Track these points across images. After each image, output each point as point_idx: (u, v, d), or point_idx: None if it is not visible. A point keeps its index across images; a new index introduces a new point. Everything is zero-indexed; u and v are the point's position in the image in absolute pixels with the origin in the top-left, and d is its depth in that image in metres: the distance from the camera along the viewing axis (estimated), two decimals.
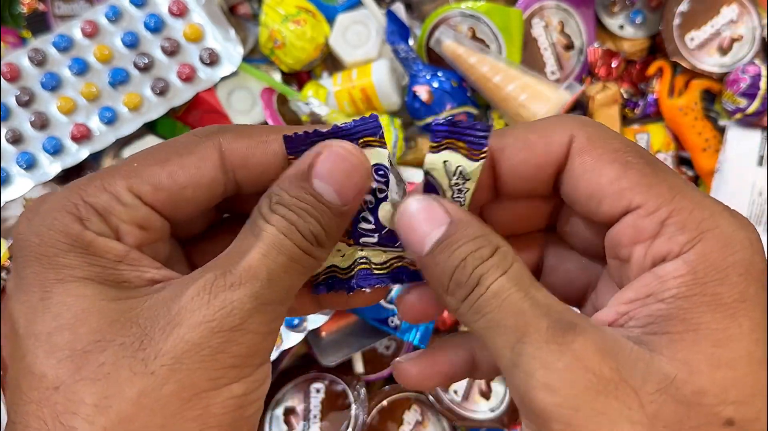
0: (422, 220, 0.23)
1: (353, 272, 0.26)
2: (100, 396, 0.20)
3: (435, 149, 0.24)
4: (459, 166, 0.24)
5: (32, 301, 0.21)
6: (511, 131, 0.25)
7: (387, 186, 0.24)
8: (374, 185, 0.24)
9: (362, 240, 0.26)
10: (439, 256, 0.23)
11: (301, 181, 0.23)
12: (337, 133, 0.24)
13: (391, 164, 0.25)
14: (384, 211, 0.25)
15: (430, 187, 0.25)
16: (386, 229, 0.25)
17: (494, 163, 0.25)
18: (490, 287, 0.21)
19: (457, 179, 0.24)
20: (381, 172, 0.24)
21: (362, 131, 0.24)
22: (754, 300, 0.20)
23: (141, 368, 0.20)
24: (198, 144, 0.24)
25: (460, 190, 0.25)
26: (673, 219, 0.21)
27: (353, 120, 0.24)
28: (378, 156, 0.24)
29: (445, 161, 0.24)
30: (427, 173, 0.25)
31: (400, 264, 0.26)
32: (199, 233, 0.27)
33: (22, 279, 0.22)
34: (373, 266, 0.26)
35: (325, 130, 0.24)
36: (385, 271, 0.26)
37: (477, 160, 0.24)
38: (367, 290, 0.26)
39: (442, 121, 0.24)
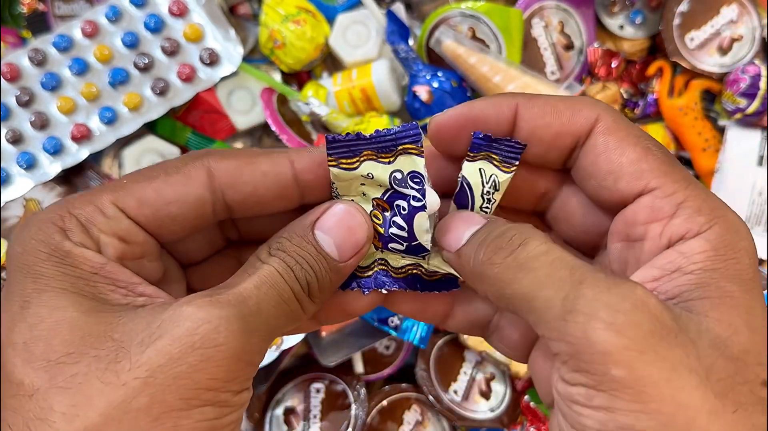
0: (460, 223, 0.25)
1: (372, 271, 0.27)
2: (68, 405, 0.20)
3: (471, 159, 0.25)
4: (493, 175, 0.25)
5: (13, 310, 0.21)
6: (541, 96, 0.26)
7: (422, 195, 0.25)
8: (409, 192, 0.25)
9: (391, 245, 0.26)
10: (476, 237, 0.24)
11: (304, 231, 0.24)
12: (379, 137, 0.24)
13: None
14: (420, 220, 0.25)
15: (463, 191, 0.26)
16: (416, 241, 0.25)
17: (517, 120, 0.25)
18: (538, 247, 0.22)
19: (489, 187, 0.26)
20: (416, 180, 0.25)
21: (402, 138, 0.24)
22: (758, 283, 0.22)
23: (113, 379, 0.20)
24: (187, 164, 0.24)
25: (489, 200, 0.26)
26: (689, 203, 0.22)
27: (394, 127, 0.24)
28: (414, 164, 0.24)
29: (480, 169, 0.25)
30: (463, 178, 0.26)
31: (416, 271, 0.27)
32: (204, 258, 0.28)
33: (7, 288, 0.22)
34: (391, 269, 0.27)
35: (367, 135, 0.24)
36: (400, 276, 0.27)
37: (508, 173, 0.25)
38: (384, 291, 0.27)
39: (481, 135, 0.25)
